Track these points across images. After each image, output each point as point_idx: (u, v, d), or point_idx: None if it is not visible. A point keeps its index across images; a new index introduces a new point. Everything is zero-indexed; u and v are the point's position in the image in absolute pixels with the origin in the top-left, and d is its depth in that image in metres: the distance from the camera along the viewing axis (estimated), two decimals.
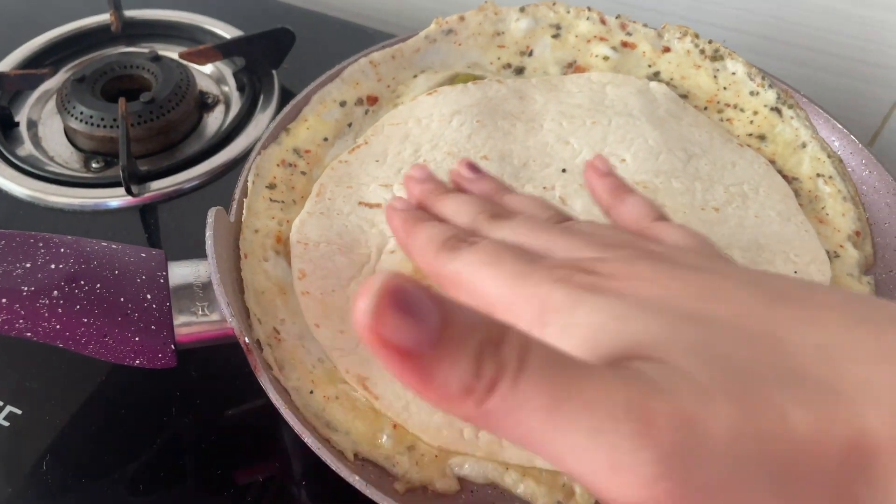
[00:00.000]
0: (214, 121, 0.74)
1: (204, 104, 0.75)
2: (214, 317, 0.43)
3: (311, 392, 0.45)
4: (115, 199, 0.65)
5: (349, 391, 0.45)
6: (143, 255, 0.42)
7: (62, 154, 0.70)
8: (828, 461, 0.21)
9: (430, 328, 0.20)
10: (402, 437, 0.43)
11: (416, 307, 0.20)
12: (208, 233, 0.43)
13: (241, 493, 0.51)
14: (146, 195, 0.65)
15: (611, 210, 0.38)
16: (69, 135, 0.71)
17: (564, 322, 0.26)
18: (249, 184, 0.53)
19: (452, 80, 0.64)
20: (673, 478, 0.21)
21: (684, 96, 0.63)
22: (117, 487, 0.51)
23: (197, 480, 0.53)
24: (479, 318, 0.21)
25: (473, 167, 0.41)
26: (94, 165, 0.69)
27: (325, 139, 0.58)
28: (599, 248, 0.30)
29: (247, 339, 0.41)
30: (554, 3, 0.66)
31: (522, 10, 0.66)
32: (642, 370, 0.23)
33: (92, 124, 0.68)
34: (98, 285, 0.39)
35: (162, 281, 0.41)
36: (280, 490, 0.52)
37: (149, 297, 0.40)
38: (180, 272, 0.44)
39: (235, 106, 0.73)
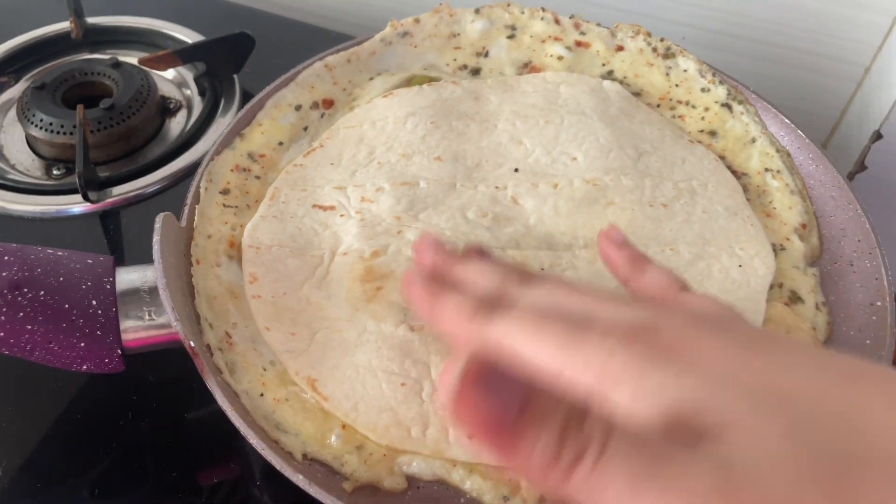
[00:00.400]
0: (177, 125, 0.74)
1: (166, 109, 0.75)
2: (161, 321, 0.43)
3: (262, 395, 0.45)
4: (76, 205, 0.65)
5: (299, 393, 0.46)
6: (90, 261, 0.43)
7: (24, 162, 0.71)
8: None
9: (513, 403, 0.23)
10: (351, 436, 0.44)
11: (499, 384, 0.23)
12: (155, 238, 0.43)
13: (202, 494, 0.52)
14: (107, 201, 0.65)
15: (631, 281, 0.36)
16: (30, 142, 0.71)
17: (632, 392, 0.25)
18: (202, 190, 0.53)
19: (409, 82, 0.64)
20: None
21: (637, 94, 0.64)
22: (78, 493, 0.52)
23: (157, 483, 0.53)
24: (560, 396, 0.23)
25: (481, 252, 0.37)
26: (55, 172, 0.69)
27: (280, 143, 0.59)
28: (644, 312, 0.28)
29: (192, 343, 0.41)
30: (509, 5, 0.67)
31: (477, 11, 0.67)
32: (728, 454, 0.22)
33: (52, 131, 0.69)
34: (42, 292, 0.39)
35: (108, 287, 0.42)
36: (240, 490, 0.53)
37: (94, 302, 0.41)
38: (128, 277, 0.44)
39: (197, 110, 0.74)
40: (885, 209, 0.74)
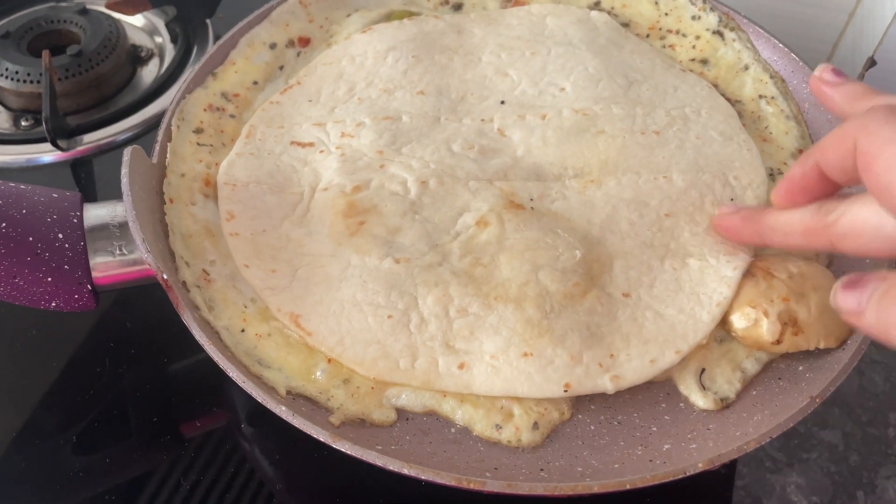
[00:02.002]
0: (149, 74, 0.71)
1: (137, 58, 0.72)
2: (133, 256, 0.41)
3: (243, 331, 0.43)
4: (47, 154, 0.63)
5: (282, 329, 0.44)
6: (55, 195, 0.41)
7: None
8: None
9: None
10: (338, 370, 0.42)
11: None
12: (123, 170, 0.41)
13: (187, 444, 0.50)
14: (79, 149, 0.63)
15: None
16: None
17: None
18: (174, 128, 0.51)
19: (388, 17, 0.62)
20: None
21: (626, 25, 0.62)
22: (62, 448, 0.50)
23: (141, 436, 0.51)
24: None
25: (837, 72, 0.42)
26: (23, 123, 0.67)
27: (255, 83, 0.56)
28: None
29: (165, 276, 0.39)
30: None
31: None
32: None
33: (18, 80, 0.66)
34: (3, 224, 0.37)
35: (76, 221, 0.40)
36: (226, 439, 0.51)
37: (60, 236, 0.38)
38: (96, 213, 0.42)
39: (169, 57, 0.71)
40: None
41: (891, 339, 0.33)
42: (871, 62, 0.65)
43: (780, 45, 0.57)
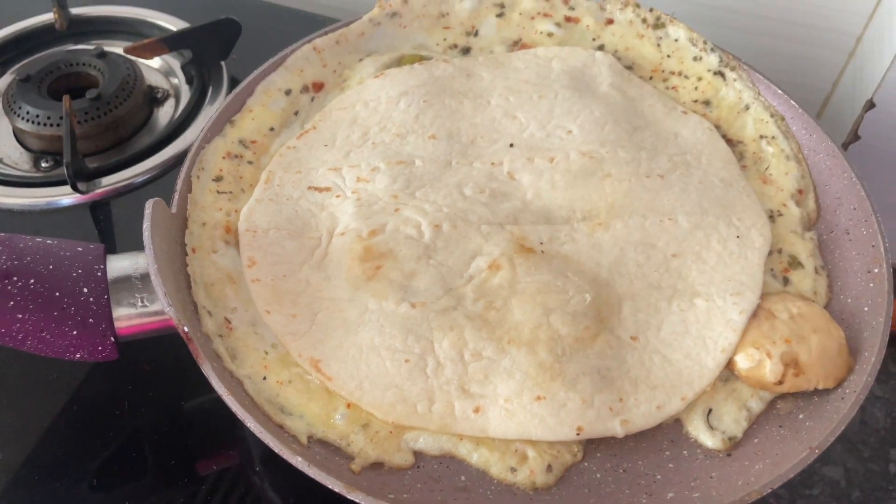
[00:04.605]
0: (165, 115, 0.73)
1: (154, 99, 0.74)
2: (155, 307, 0.43)
3: (265, 378, 0.45)
4: (66, 197, 0.64)
5: (303, 374, 0.45)
6: (80, 249, 0.42)
7: (11, 155, 0.70)
8: None
9: None
10: (357, 415, 0.44)
11: None
12: (145, 224, 0.43)
13: (202, 483, 0.52)
14: (97, 191, 0.65)
15: None
16: (18, 135, 0.70)
17: None
18: (194, 178, 0.52)
19: (399, 61, 0.64)
20: None
21: (629, 67, 0.64)
22: (78, 486, 0.51)
23: (156, 474, 0.53)
24: None
25: None
26: (43, 165, 0.68)
27: (272, 129, 0.58)
28: None
29: (186, 329, 0.41)
30: None
31: None
32: None
33: (39, 124, 0.68)
34: (32, 281, 0.39)
35: (100, 274, 0.41)
36: (240, 479, 0.52)
37: (85, 290, 0.40)
38: (119, 265, 0.43)
39: (185, 98, 0.73)
40: (879, 178, 0.74)
41: None
42: (870, 104, 0.67)
43: (779, 91, 0.59)
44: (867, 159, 0.72)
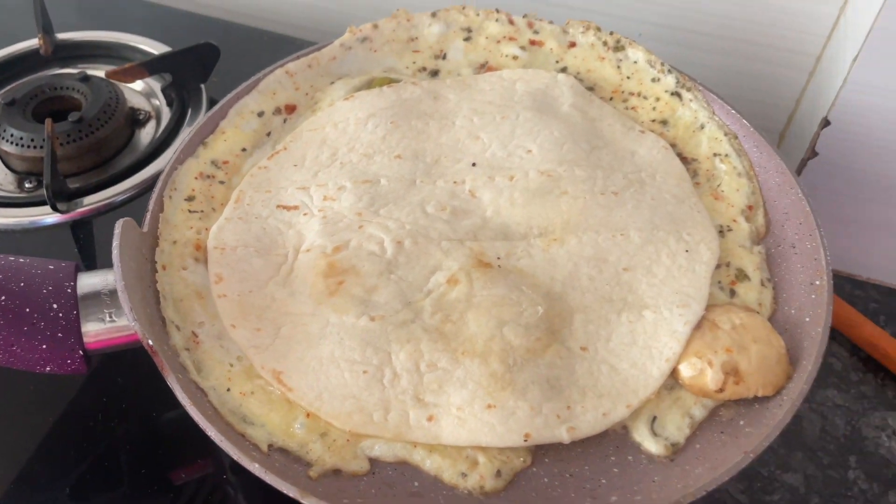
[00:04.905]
0: (147, 135, 0.76)
1: (136, 120, 0.76)
2: (122, 322, 0.45)
3: (228, 389, 0.47)
4: (48, 216, 0.67)
5: (265, 386, 0.47)
6: (52, 267, 0.44)
7: None
8: None
9: None
10: (316, 424, 0.46)
11: None
12: (115, 242, 0.45)
13: (176, 492, 0.54)
14: (79, 210, 0.67)
15: None
16: (3, 157, 0.73)
17: None
18: (166, 198, 0.55)
19: (369, 84, 0.66)
20: None
21: (591, 88, 0.66)
22: (55, 497, 0.53)
23: (132, 484, 0.54)
24: None
25: None
26: (27, 186, 0.71)
27: (244, 149, 0.61)
28: None
29: (150, 342, 0.43)
30: (464, 7, 0.69)
31: (434, 15, 0.69)
32: None
33: (23, 146, 0.70)
34: (3, 297, 0.41)
35: (69, 290, 0.43)
36: (213, 487, 0.54)
37: (55, 306, 0.42)
38: (89, 282, 0.46)
39: (166, 119, 0.75)
40: (837, 193, 0.76)
41: None
42: (826, 122, 0.69)
43: (733, 111, 0.61)
44: (825, 175, 0.75)
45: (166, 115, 0.76)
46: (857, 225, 0.77)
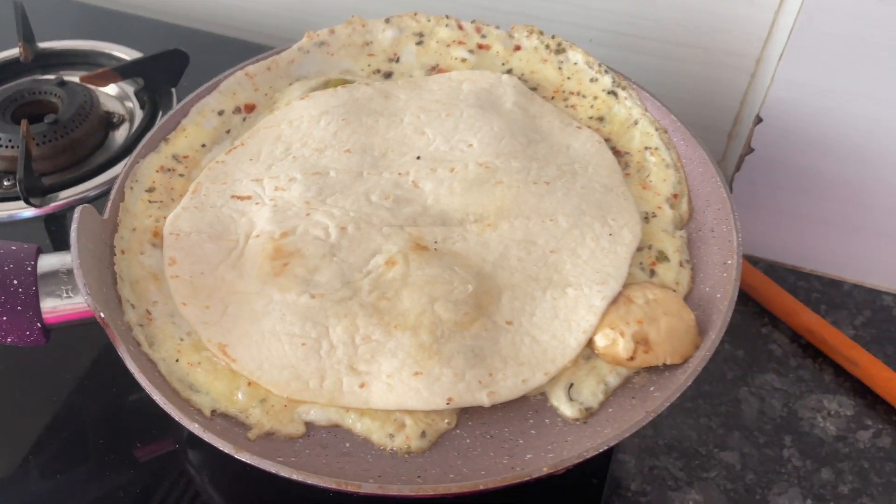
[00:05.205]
0: (120, 136, 0.80)
1: (110, 123, 0.81)
2: (78, 298, 0.49)
3: (177, 360, 0.51)
4: (25, 210, 0.71)
5: (211, 357, 0.51)
6: (14, 248, 0.49)
7: None
8: None
9: None
10: (256, 392, 0.49)
11: None
12: (73, 226, 0.49)
13: (141, 468, 0.57)
14: (53, 205, 0.71)
15: None
16: None
17: None
18: (127, 189, 0.59)
19: (326, 85, 0.70)
20: None
21: (534, 89, 0.70)
22: (18, 473, 0.56)
23: (97, 460, 0.58)
24: None
25: None
26: (5, 183, 0.75)
27: (203, 145, 0.65)
28: None
29: (102, 314, 0.46)
30: (416, 14, 0.73)
31: (388, 21, 0.73)
32: None
33: (1, 146, 0.74)
34: None
35: (29, 269, 0.47)
36: (174, 461, 0.58)
37: (15, 282, 0.46)
38: (49, 262, 0.50)
39: (138, 121, 0.79)
40: (776, 187, 0.80)
41: None
42: (758, 119, 0.73)
43: (663, 107, 0.65)
44: (763, 170, 0.79)
45: (139, 117, 0.81)
46: (798, 218, 0.81)
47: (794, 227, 0.81)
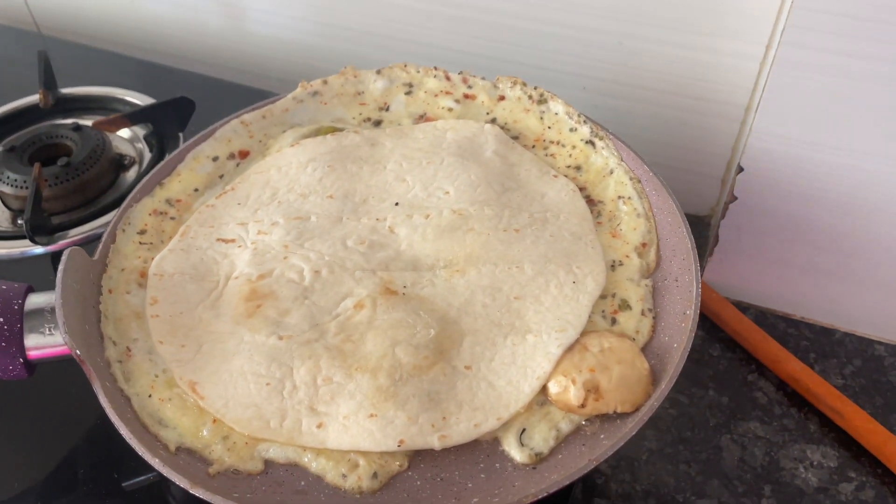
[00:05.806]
0: (130, 177, 0.84)
1: (121, 165, 0.85)
2: (59, 336, 0.52)
3: (150, 396, 0.53)
4: (38, 247, 0.75)
5: (182, 394, 0.54)
6: (4, 287, 0.52)
7: None
8: None
9: None
10: (220, 429, 0.52)
11: None
12: (60, 267, 0.53)
13: (128, 497, 0.60)
14: (63, 242, 0.76)
15: None
16: (1, 197, 0.82)
17: None
18: (119, 231, 0.63)
19: (317, 132, 0.74)
20: None
21: (516, 137, 0.72)
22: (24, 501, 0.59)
23: (86, 489, 0.61)
24: None
25: None
26: (19, 221, 0.80)
27: (196, 189, 0.68)
28: None
29: (78, 352, 0.50)
30: (406, 65, 0.76)
31: (379, 72, 0.76)
32: None
33: (18, 187, 0.79)
34: None
35: (16, 307, 0.51)
36: (159, 492, 0.60)
37: (1, 320, 0.50)
38: (36, 300, 0.53)
39: (146, 163, 0.84)
40: (762, 234, 0.80)
41: None
42: (739, 168, 0.74)
43: (637, 157, 0.67)
44: (747, 217, 0.79)
45: (148, 159, 0.85)
46: (787, 265, 0.81)
47: (783, 275, 0.81)
